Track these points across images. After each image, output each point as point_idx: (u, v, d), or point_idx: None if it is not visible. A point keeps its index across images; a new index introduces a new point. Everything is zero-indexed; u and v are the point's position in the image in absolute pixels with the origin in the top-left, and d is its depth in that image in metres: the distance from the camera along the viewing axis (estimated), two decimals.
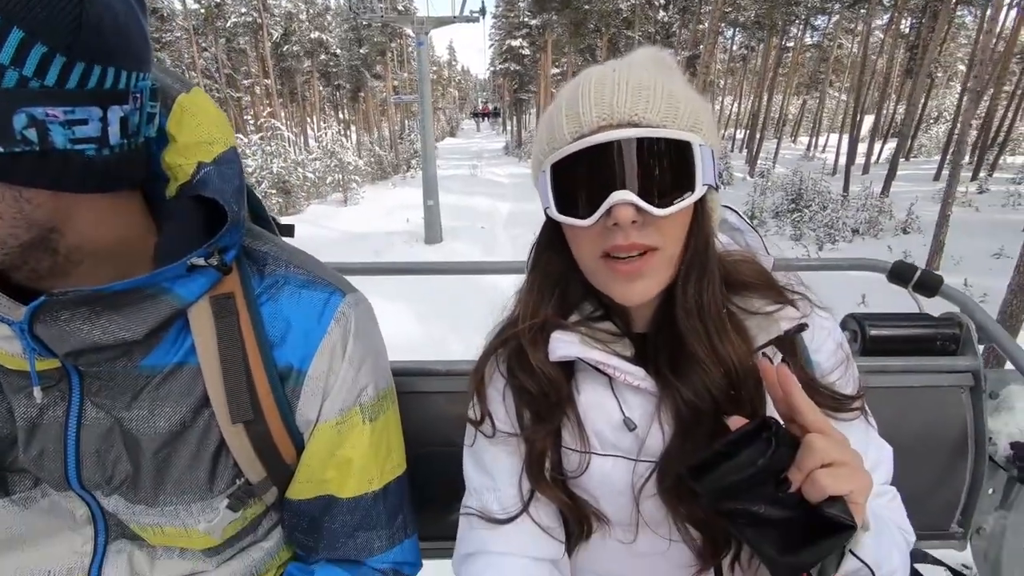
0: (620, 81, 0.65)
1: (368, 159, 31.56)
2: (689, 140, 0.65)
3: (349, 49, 42.82)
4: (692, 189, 0.66)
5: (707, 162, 0.66)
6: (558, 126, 0.68)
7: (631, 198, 0.63)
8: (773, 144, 32.65)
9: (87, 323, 0.59)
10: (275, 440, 0.72)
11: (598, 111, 0.65)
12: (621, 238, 0.66)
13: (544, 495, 0.77)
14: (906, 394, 1.21)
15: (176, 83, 0.68)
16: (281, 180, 22.03)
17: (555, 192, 0.69)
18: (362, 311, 0.78)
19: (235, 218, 0.65)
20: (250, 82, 39.70)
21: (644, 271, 0.68)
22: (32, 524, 0.70)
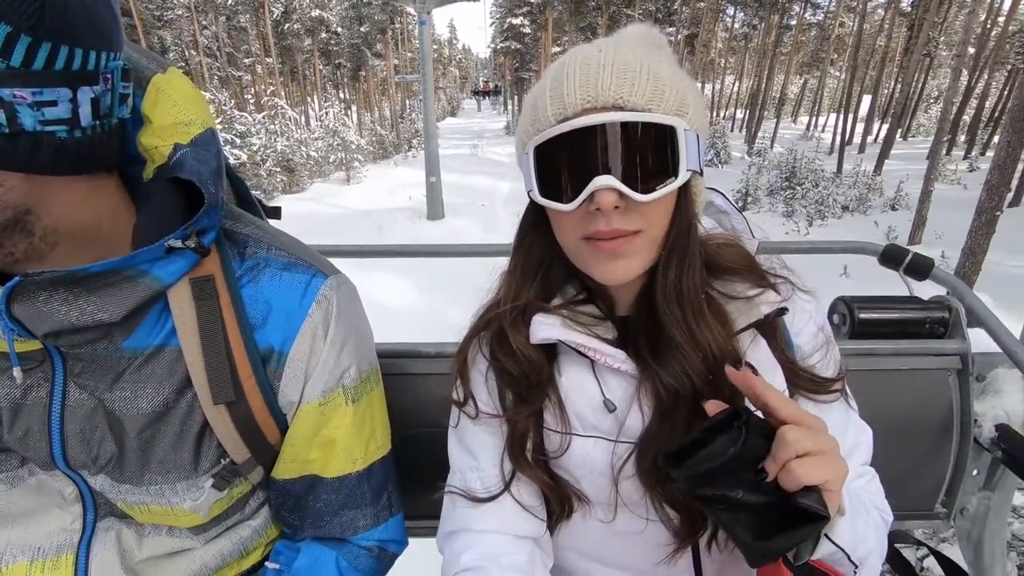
0: (605, 63, 0.64)
1: (370, 138, 31.81)
2: (674, 125, 0.64)
3: (350, 27, 42.75)
4: (676, 175, 0.65)
5: (691, 147, 0.66)
6: (542, 107, 0.67)
7: (613, 183, 0.63)
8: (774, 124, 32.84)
9: (65, 304, 0.60)
10: (258, 421, 0.73)
11: (582, 93, 0.64)
12: (603, 223, 0.66)
13: (525, 475, 0.79)
14: (894, 377, 1.22)
15: (151, 63, 0.68)
16: (285, 158, 22.39)
17: (538, 175, 0.69)
18: (344, 293, 0.79)
19: (212, 200, 0.65)
20: (251, 61, 39.71)
21: (625, 250, 0.68)
22: (21, 502, 0.71)
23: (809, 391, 0.74)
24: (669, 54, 0.72)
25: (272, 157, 21.70)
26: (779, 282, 0.75)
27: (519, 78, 48.24)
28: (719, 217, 0.89)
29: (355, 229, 15.21)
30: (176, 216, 0.66)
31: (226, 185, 0.80)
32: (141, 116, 0.66)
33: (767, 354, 0.73)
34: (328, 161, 25.03)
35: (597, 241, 0.68)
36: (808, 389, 0.74)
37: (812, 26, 32.40)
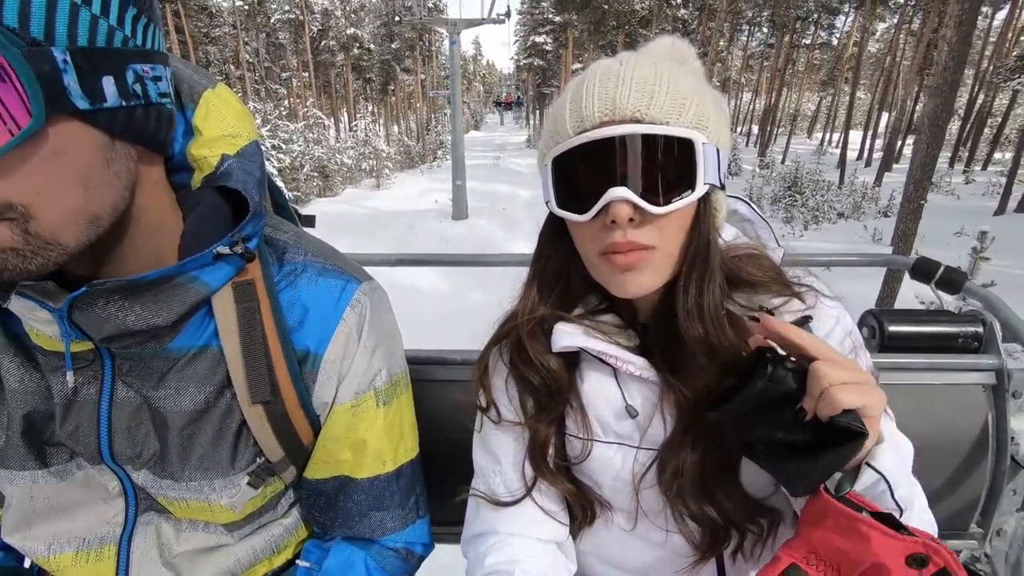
0: (625, 76, 0.64)
1: (397, 148, 33.72)
2: (691, 138, 0.63)
3: (381, 44, 45.11)
4: (693, 188, 0.65)
5: (711, 161, 0.65)
6: (561, 119, 0.68)
7: (628, 195, 0.63)
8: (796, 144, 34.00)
9: (121, 310, 0.62)
10: (293, 421, 0.75)
11: (600, 106, 0.64)
12: (619, 236, 0.66)
13: (546, 481, 0.80)
14: (926, 392, 1.18)
15: (203, 79, 0.71)
16: (321, 164, 24.25)
17: (555, 186, 0.70)
18: (377, 298, 0.80)
19: (256, 208, 0.68)
20: (288, 75, 42.19)
21: (639, 265, 0.67)
22: (68, 495, 0.74)
23: None
24: (696, 68, 0.73)
25: (310, 163, 23.55)
26: (804, 291, 0.74)
27: (541, 93, 50.05)
28: (743, 225, 0.87)
29: (388, 227, 16.89)
30: (222, 224, 0.69)
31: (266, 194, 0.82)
32: (192, 128, 0.69)
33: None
34: (360, 168, 26.92)
35: (613, 255, 0.68)
36: None
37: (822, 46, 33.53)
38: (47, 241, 0.52)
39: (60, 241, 0.53)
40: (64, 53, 0.47)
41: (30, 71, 0.45)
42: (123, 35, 0.53)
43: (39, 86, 0.46)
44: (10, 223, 0.50)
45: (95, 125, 0.52)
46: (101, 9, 0.50)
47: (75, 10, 0.48)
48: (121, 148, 0.56)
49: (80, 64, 0.49)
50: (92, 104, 0.50)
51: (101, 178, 0.54)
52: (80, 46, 0.49)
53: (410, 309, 8.18)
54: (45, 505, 0.74)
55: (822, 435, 0.56)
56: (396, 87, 50.34)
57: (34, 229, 0.51)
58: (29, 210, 0.50)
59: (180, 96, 0.68)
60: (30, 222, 0.50)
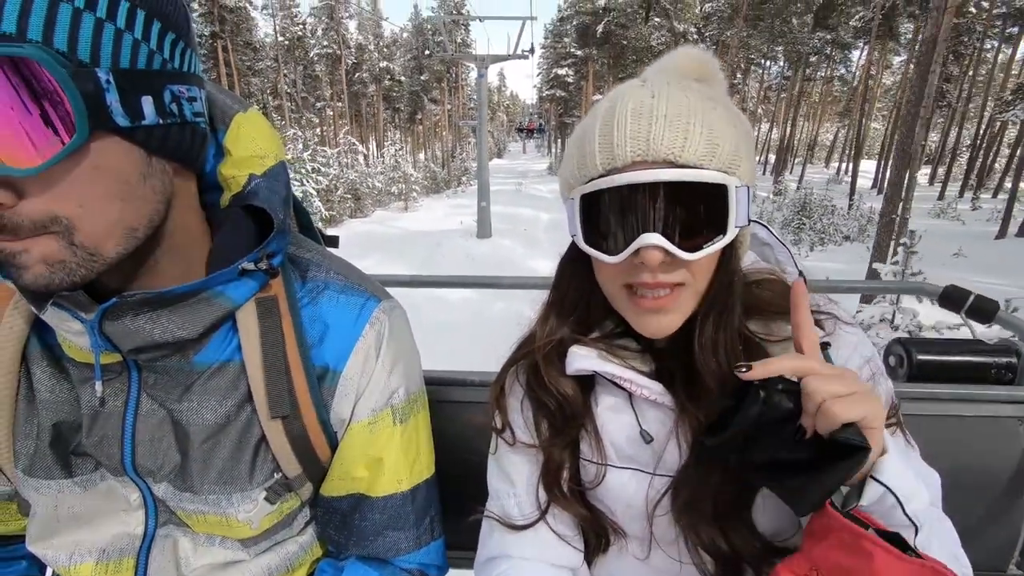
0: (658, 112, 0.62)
1: (424, 174, 35.47)
2: (726, 184, 0.62)
3: (411, 76, 47.54)
4: (724, 232, 0.64)
5: (742, 203, 0.65)
6: (590, 153, 0.66)
7: (660, 242, 0.62)
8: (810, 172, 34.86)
9: (149, 322, 0.63)
10: (310, 437, 0.76)
11: (633, 146, 0.62)
12: (648, 276, 0.66)
13: (558, 507, 0.79)
14: (957, 423, 1.13)
15: (235, 103, 0.74)
16: (354, 187, 25.89)
17: (583, 223, 0.69)
18: (396, 317, 0.81)
19: (281, 226, 0.70)
20: (322, 104, 44.69)
21: (669, 307, 0.68)
22: (91, 505, 0.75)
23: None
24: (722, 91, 0.71)
25: (343, 185, 25.19)
26: (822, 318, 0.73)
27: (563, 123, 51.85)
28: (762, 250, 0.86)
29: (416, 246, 18.17)
30: (248, 241, 0.71)
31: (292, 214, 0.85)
32: (223, 149, 0.72)
33: None
34: (389, 192, 28.56)
35: (638, 297, 0.68)
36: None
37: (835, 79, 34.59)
38: (90, 252, 0.55)
39: (101, 252, 0.56)
40: (108, 74, 0.51)
41: (76, 90, 0.49)
42: (162, 58, 0.56)
43: (84, 104, 0.49)
44: (56, 236, 0.53)
45: (133, 141, 0.55)
46: (142, 34, 0.54)
47: (119, 35, 0.52)
48: (157, 164, 0.59)
49: (122, 84, 0.52)
50: (132, 122, 0.54)
51: (138, 192, 0.57)
52: (122, 68, 0.52)
53: (440, 318, 9.29)
54: (69, 515, 0.75)
55: (824, 450, 0.55)
56: (423, 116, 52.67)
57: (78, 240, 0.54)
58: (73, 222, 0.53)
59: (213, 119, 0.71)
60: (74, 234, 0.54)
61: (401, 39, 49.47)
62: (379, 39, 45.69)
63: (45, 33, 0.48)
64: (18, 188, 0.51)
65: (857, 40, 29.83)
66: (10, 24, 0.47)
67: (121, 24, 0.52)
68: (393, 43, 47.98)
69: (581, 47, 41.97)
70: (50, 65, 0.47)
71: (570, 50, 46.22)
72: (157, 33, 0.55)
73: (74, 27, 0.49)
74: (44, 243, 0.53)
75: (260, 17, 38.28)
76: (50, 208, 0.52)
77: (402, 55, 48.66)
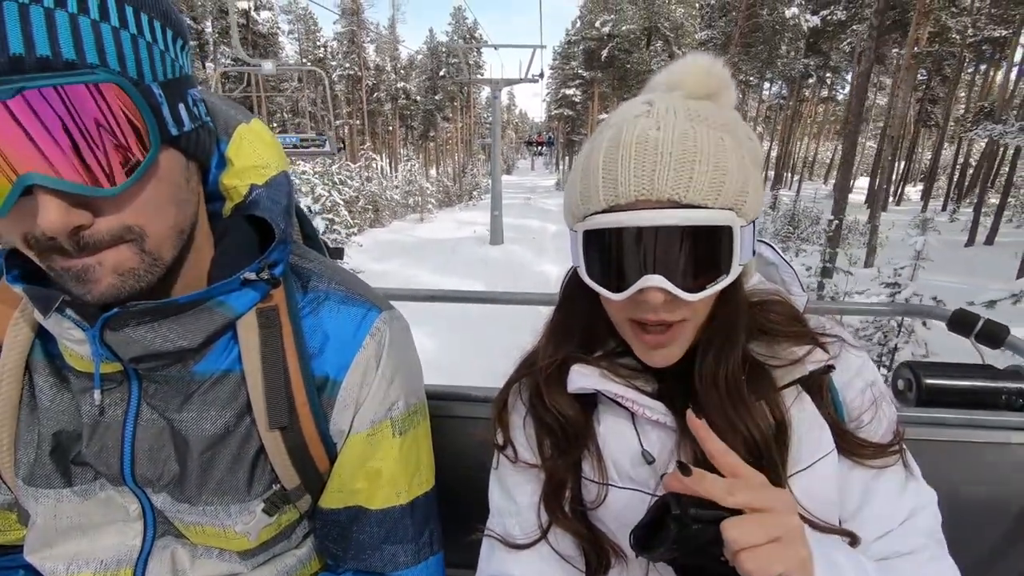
0: (663, 149, 0.60)
1: (437, 188, 37.44)
2: (731, 225, 0.61)
3: (425, 96, 49.90)
4: (728, 272, 0.63)
5: (747, 242, 0.64)
6: (594, 187, 0.64)
7: (662, 284, 0.62)
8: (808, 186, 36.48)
9: (150, 332, 0.64)
10: (309, 448, 0.75)
11: (636, 184, 0.61)
12: (650, 313, 0.66)
13: (560, 527, 0.77)
14: (966, 449, 1.11)
15: (238, 114, 0.74)
16: (374, 199, 27.79)
17: (586, 256, 0.69)
18: (397, 328, 0.81)
19: (282, 236, 0.70)
20: (341, 122, 46.98)
21: (669, 341, 0.69)
22: (90, 515, 0.74)
23: (860, 456, 0.70)
24: (730, 107, 0.69)
25: (364, 197, 27.06)
26: (828, 341, 0.72)
27: (570, 140, 53.87)
28: (767, 269, 0.86)
29: (434, 251, 19.94)
30: (250, 251, 0.71)
31: (295, 224, 0.86)
32: (225, 159, 0.72)
33: (812, 412, 0.70)
34: (406, 204, 30.47)
35: (641, 330, 0.69)
36: (859, 454, 0.70)
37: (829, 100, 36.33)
38: (154, 257, 0.58)
39: (163, 256, 0.59)
40: (158, 87, 0.54)
41: (147, 107, 0.52)
42: (179, 65, 0.58)
43: (154, 119, 0.52)
44: (130, 244, 0.56)
45: (178, 148, 0.58)
46: (164, 44, 0.56)
47: (151, 48, 0.54)
48: (192, 166, 0.62)
49: (167, 95, 0.55)
50: (179, 130, 0.57)
51: (185, 195, 0.61)
52: (161, 80, 0.55)
53: (459, 308, 11.11)
54: (67, 524, 0.74)
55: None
56: (436, 133, 54.96)
57: (148, 247, 0.57)
58: (144, 229, 0.56)
59: (216, 129, 0.71)
60: (145, 240, 0.57)
61: (417, 61, 52.08)
62: (396, 61, 48.20)
63: (99, 55, 0.49)
64: (94, 207, 0.53)
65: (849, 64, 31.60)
66: (69, 51, 0.48)
67: (149, 37, 0.54)
68: (409, 64, 50.55)
69: (587, 69, 44.22)
70: (126, 87, 0.50)
71: (577, 71, 48.44)
72: (172, 40, 0.57)
73: (118, 46, 0.51)
74: (118, 252, 0.56)
75: (286, 41, 40.79)
76: (124, 221, 0.54)
77: (417, 75, 51.16)
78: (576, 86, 50.03)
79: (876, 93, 34.41)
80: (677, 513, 0.54)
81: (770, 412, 0.67)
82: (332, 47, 45.13)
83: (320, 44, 44.57)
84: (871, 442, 0.71)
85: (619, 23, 38.86)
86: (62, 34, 0.47)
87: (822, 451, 0.68)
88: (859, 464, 0.70)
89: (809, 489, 0.66)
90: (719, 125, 0.64)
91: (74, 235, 0.52)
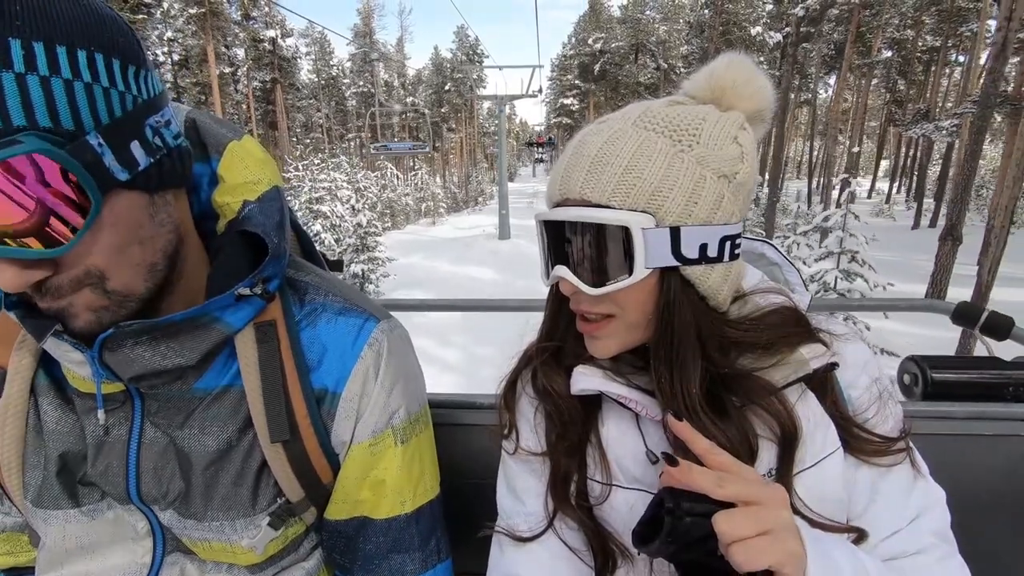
0: (588, 151, 0.65)
1: (445, 194, 40.51)
2: (628, 224, 0.63)
3: (431, 109, 53.09)
4: (630, 272, 0.64)
5: (657, 245, 0.64)
6: (551, 184, 0.71)
7: (566, 274, 0.67)
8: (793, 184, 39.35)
9: (149, 350, 0.64)
10: (312, 460, 0.75)
11: (561, 184, 0.67)
12: (573, 303, 0.71)
13: (567, 516, 0.77)
14: (975, 442, 1.09)
15: (229, 132, 0.75)
16: (390, 204, 30.81)
17: (540, 248, 0.74)
18: (395, 336, 0.81)
19: (276, 250, 0.70)
20: (352, 136, 50.13)
21: (600, 333, 0.70)
22: (98, 534, 0.75)
23: (867, 453, 0.69)
24: (708, 120, 0.66)
25: (382, 203, 30.03)
26: (831, 338, 0.71)
27: None
28: (771, 269, 0.86)
29: (450, 247, 22.89)
30: (244, 267, 0.71)
31: (292, 239, 0.87)
32: (217, 176, 0.73)
33: (817, 410, 0.69)
34: (419, 210, 33.52)
35: (581, 320, 0.72)
36: (865, 452, 0.69)
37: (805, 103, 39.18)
38: (124, 295, 0.60)
39: (133, 292, 0.60)
40: (96, 137, 0.52)
41: (79, 166, 0.50)
42: (132, 96, 0.55)
43: (90, 175, 0.51)
44: (91, 287, 0.57)
45: (135, 188, 0.57)
46: (109, 80, 0.53)
47: (89, 90, 0.51)
48: (159, 199, 0.61)
49: (110, 140, 0.53)
50: (130, 173, 0.55)
51: (150, 231, 0.60)
52: (104, 124, 0.52)
53: (471, 289, 14.30)
54: (76, 545, 0.75)
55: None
56: (441, 144, 58.11)
57: (111, 287, 0.58)
58: (104, 272, 0.57)
59: (207, 147, 0.74)
60: (106, 282, 0.58)
61: (423, 76, 55.42)
62: (403, 77, 51.46)
63: (27, 115, 0.47)
64: (52, 262, 0.54)
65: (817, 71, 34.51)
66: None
67: (87, 77, 0.51)
68: (416, 80, 53.86)
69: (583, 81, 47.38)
70: (51, 153, 0.48)
71: (574, 82, 51.67)
72: (119, 72, 0.54)
73: (48, 98, 0.48)
74: (83, 296, 0.57)
75: (304, 62, 44.04)
76: (83, 267, 0.56)
77: (424, 90, 54.46)
78: (573, 96, 53.27)
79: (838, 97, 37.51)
80: (670, 506, 0.55)
81: (771, 414, 0.66)
82: (345, 67, 48.50)
83: (333, 63, 47.87)
84: (877, 437, 0.70)
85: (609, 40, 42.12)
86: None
87: (828, 449, 0.67)
88: (866, 462, 0.70)
89: (816, 487, 0.66)
90: (671, 130, 0.65)
91: (37, 288, 0.55)
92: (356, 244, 16.44)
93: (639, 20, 42.31)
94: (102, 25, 0.53)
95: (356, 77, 47.40)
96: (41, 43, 0.48)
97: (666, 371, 0.67)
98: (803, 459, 0.66)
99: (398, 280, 16.73)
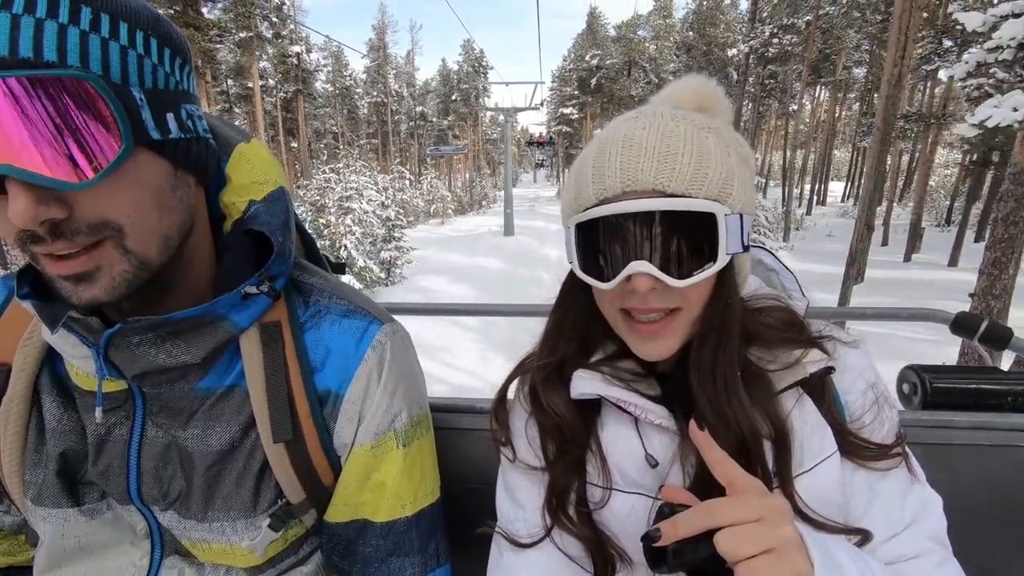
0: (647, 144, 0.64)
1: (452, 197, 43.52)
2: (713, 212, 0.62)
3: (439, 117, 56.31)
4: (714, 260, 0.64)
5: (733, 231, 0.64)
6: (584, 184, 0.68)
7: (649, 269, 0.63)
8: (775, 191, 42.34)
9: (154, 347, 0.64)
10: (313, 461, 0.75)
11: (622, 176, 0.64)
12: (639, 301, 0.67)
13: (563, 531, 0.77)
14: (976, 452, 1.08)
15: (237, 134, 0.77)
16: (404, 205, 33.76)
17: (579, 251, 0.70)
18: (399, 340, 0.81)
19: (281, 249, 0.71)
20: (364, 142, 53.16)
21: (664, 332, 0.69)
22: (97, 535, 0.75)
23: (863, 458, 0.70)
24: (724, 119, 0.71)
25: (396, 204, 32.91)
26: (828, 343, 0.72)
27: (569, 154, 59.91)
28: (768, 275, 0.87)
29: (460, 243, 25.71)
30: (250, 266, 0.72)
31: (297, 242, 0.87)
32: (225, 177, 0.74)
33: (814, 414, 0.70)
34: (429, 211, 36.49)
35: (635, 322, 0.69)
36: (861, 456, 0.70)
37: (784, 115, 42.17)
38: (140, 260, 0.59)
39: (149, 259, 0.60)
40: (140, 92, 0.56)
41: (121, 107, 0.53)
42: (175, 80, 0.61)
43: (128, 119, 0.54)
44: (111, 240, 0.57)
45: (163, 154, 0.59)
46: (159, 59, 0.58)
47: (140, 60, 0.56)
48: (182, 176, 0.63)
49: (150, 101, 0.57)
50: (162, 136, 0.58)
51: (171, 202, 0.61)
52: (147, 88, 0.57)
53: (481, 277, 17.30)
54: (75, 545, 0.74)
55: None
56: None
57: (130, 246, 0.58)
58: (123, 228, 0.57)
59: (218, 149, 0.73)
60: (125, 239, 0.57)
61: (431, 86, 58.74)
62: (412, 88, 54.67)
63: (82, 59, 0.51)
64: (70, 203, 0.54)
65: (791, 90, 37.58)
66: (51, 52, 0.50)
67: (141, 51, 0.56)
68: (424, 91, 57.12)
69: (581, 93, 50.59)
70: (99, 85, 0.51)
71: (574, 93, 54.87)
72: (168, 58, 0.60)
73: (104, 53, 0.53)
74: (102, 252, 0.57)
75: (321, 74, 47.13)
76: (101, 215, 0.55)
77: (432, 99, 57.71)
78: (573, 105, 56.46)
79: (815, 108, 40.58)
80: (677, 544, 0.55)
81: (768, 418, 0.67)
82: (360, 78, 51.67)
83: (347, 75, 51.02)
84: (873, 443, 0.70)
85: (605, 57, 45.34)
86: (47, 40, 0.50)
87: (824, 453, 0.68)
88: (862, 467, 0.70)
89: (813, 491, 0.67)
90: (703, 126, 0.67)
91: (52, 230, 0.54)
92: (385, 235, 19.28)
93: (632, 39, 46.05)
94: (160, 20, 0.60)
95: (369, 87, 50.59)
96: (108, 16, 0.54)
97: (710, 355, 0.68)
98: (801, 462, 0.68)
99: (417, 267, 19.34)
